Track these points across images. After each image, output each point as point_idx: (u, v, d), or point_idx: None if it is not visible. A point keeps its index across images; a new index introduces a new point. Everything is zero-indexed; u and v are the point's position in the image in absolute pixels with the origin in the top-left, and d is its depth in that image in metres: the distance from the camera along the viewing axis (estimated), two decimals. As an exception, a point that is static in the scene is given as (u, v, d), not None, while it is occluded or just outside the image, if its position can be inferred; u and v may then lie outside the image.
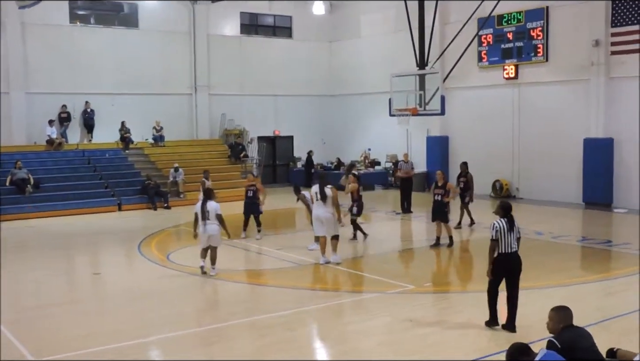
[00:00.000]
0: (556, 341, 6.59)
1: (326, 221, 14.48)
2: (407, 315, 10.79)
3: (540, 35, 24.57)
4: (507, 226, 9.58)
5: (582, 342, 6.64)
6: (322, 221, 14.52)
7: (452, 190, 16.63)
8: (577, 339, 6.63)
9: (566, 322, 6.81)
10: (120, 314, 11.47)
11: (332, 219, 14.53)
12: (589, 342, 6.71)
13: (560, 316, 6.86)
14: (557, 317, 6.86)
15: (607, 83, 22.85)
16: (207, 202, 13.71)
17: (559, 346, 6.51)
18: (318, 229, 14.70)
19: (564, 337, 6.63)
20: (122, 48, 28.93)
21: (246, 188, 18.20)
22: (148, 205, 24.90)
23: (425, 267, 15.44)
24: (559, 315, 6.87)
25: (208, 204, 13.65)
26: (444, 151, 28.39)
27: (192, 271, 14.38)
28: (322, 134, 34.31)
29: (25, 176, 23.96)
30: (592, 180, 23.19)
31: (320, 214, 14.53)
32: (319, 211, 14.55)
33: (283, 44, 33.67)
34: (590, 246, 17.04)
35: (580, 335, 6.73)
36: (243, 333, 10.30)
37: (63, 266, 16.02)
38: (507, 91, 26.05)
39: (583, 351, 6.56)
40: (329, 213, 14.49)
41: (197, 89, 30.88)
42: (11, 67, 26.38)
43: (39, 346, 9.58)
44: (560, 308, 6.95)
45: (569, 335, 6.67)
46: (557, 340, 6.60)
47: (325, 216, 14.49)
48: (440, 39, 26.09)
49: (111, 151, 27.95)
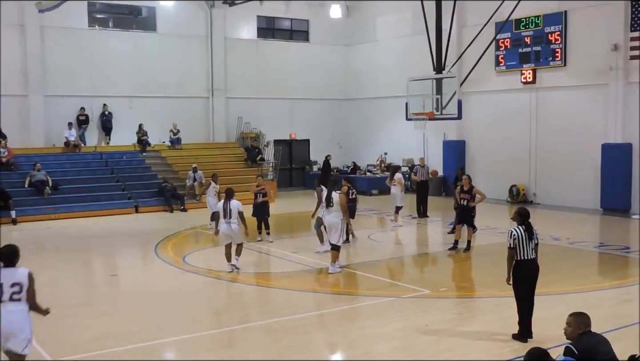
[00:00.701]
0: (573, 347, 6.55)
1: (333, 227, 14.17)
2: (423, 320, 10.77)
3: (559, 39, 24.44)
4: (526, 234, 9.50)
5: (600, 349, 6.59)
6: (330, 227, 14.33)
7: (479, 195, 16.47)
8: (594, 345, 6.59)
9: (584, 328, 6.77)
10: (137, 315, 11.53)
11: (339, 226, 14.13)
12: (606, 349, 6.66)
13: (578, 322, 6.82)
14: (575, 323, 6.82)
15: (625, 88, 22.69)
16: (229, 201, 14.14)
17: (576, 353, 6.47)
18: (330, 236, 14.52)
19: (582, 344, 6.59)
20: (140, 51, 29.12)
21: (255, 192, 18.22)
22: (165, 207, 25.02)
23: (442, 272, 15.39)
24: (576, 320, 6.83)
25: (230, 203, 14.10)
26: (460, 155, 28.29)
27: (208, 273, 14.45)
28: (338, 138, 34.32)
29: (43, 178, 24.16)
30: (610, 186, 23.01)
31: (328, 220, 14.39)
32: (327, 217, 14.45)
33: (300, 47, 33.73)
34: (607, 252, 16.91)
35: (598, 342, 6.68)
36: (258, 335, 10.31)
37: (80, 268, 16.12)
38: (524, 95, 25.93)
39: (601, 357, 6.52)
40: (338, 218, 14.17)
41: (214, 92, 30.99)
42: (30, 70, 26.61)
43: (57, 346, 9.66)
44: (578, 314, 6.90)
45: (586, 341, 6.63)
46: (574, 346, 6.55)
47: (332, 221, 14.22)
48: (457, 42, 26.03)
49: (128, 153, 28.12)
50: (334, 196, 14.23)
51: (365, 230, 19.98)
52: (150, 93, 29.19)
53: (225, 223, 14.09)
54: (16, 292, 7.30)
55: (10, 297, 7.28)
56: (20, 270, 7.43)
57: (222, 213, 14.12)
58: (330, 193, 14.32)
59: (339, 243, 14.23)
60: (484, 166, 26.63)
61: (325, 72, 33.89)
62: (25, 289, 7.35)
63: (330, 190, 14.42)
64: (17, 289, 7.30)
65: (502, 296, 11.40)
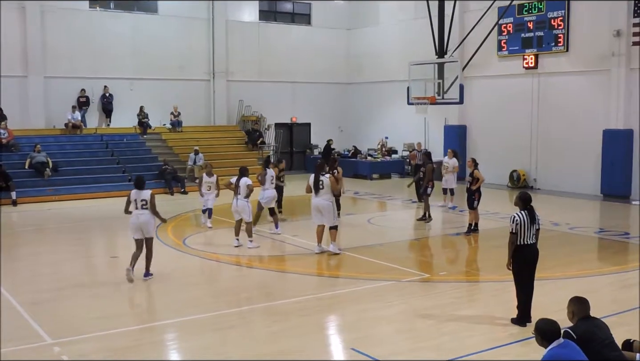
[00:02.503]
0: (572, 331, 6.57)
1: (325, 209, 14.29)
2: (423, 303, 10.81)
3: (561, 24, 24.34)
4: (528, 218, 9.49)
5: (598, 333, 6.62)
6: (320, 211, 14.37)
7: (479, 178, 16.48)
8: (593, 330, 6.61)
9: (583, 313, 6.79)
10: (137, 297, 11.58)
11: (331, 208, 14.34)
12: (605, 334, 6.68)
13: (578, 307, 6.84)
14: (574, 308, 6.84)
15: (627, 74, 22.64)
16: (241, 178, 14.97)
17: (574, 337, 6.49)
18: (317, 219, 14.59)
19: (580, 328, 6.61)
20: (141, 33, 29.01)
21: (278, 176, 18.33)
22: (165, 190, 25.01)
23: (441, 256, 15.43)
24: (576, 305, 6.86)
25: (241, 180, 14.92)
26: (461, 140, 28.25)
27: (207, 256, 14.47)
28: (339, 122, 34.29)
29: (44, 159, 24.15)
30: (611, 172, 23.01)
31: (318, 203, 14.35)
32: (317, 200, 14.36)
33: (301, 31, 33.60)
34: (607, 238, 16.94)
35: (597, 326, 6.71)
36: (258, 318, 10.35)
37: (80, 249, 16.13)
38: (526, 80, 25.86)
39: (599, 342, 6.54)
40: (329, 201, 14.29)
41: (215, 75, 30.91)
42: (30, 51, 26.52)
43: (57, 327, 9.69)
44: (577, 299, 6.92)
45: (585, 326, 6.65)
46: (572, 331, 6.58)
47: (323, 204, 14.29)
48: (459, 27, 25.92)
49: (129, 135, 28.10)
50: (324, 179, 14.24)
51: (365, 214, 19.99)
52: (151, 75, 29.11)
53: (235, 199, 14.97)
54: (143, 204, 12.13)
55: (141, 207, 12.13)
56: (145, 191, 12.28)
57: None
58: (318, 177, 14.29)
59: (336, 222, 14.52)
60: (485, 151, 26.57)
61: (327, 55, 33.79)
62: (149, 203, 12.13)
63: (317, 173, 14.37)
64: (144, 203, 12.14)
65: (501, 281, 11.43)
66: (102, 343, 9.06)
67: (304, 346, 9.01)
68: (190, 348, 9.04)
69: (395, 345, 9.00)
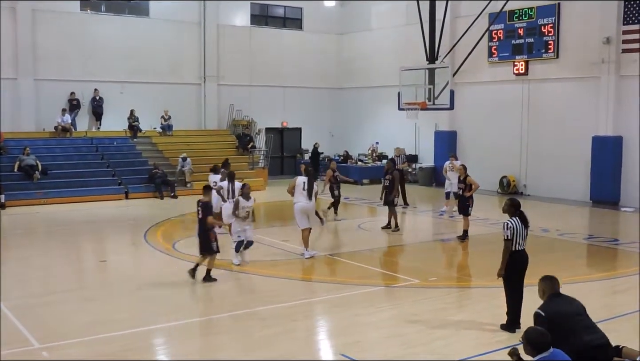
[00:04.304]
0: (542, 312, 6.60)
1: (311, 213, 14.94)
2: (413, 309, 10.81)
3: (552, 31, 24.45)
4: (521, 224, 9.52)
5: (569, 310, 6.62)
6: (308, 215, 14.71)
7: (473, 185, 16.49)
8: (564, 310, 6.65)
9: (553, 290, 6.78)
10: (126, 302, 11.51)
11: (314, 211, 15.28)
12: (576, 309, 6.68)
13: (547, 284, 6.85)
14: (544, 286, 6.86)
15: (617, 81, 22.75)
16: (233, 182, 15.55)
17: (544, 316, 6.51)
18: (304, 223, 14.69)
19: (551, 308, 6.62)
20: (132, 37, 28.93)
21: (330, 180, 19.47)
22: (155, 194, 24.95)
23: (431, 261, 15.43)
24: (546, 283, 6.88)
25: (234, 184, 15.45)
26: (452, 146, 28.26)
27: (197, 261, 14.42)
28: (330, 127, 34.30)
29: (33, 162, 24.04)
30: (600, 178, 23.10)
31: (308, 207, 14.70)
32: (307, 204, 14.67)
33: (293, 35, 33.60)
34: (596, 244, 16.99)
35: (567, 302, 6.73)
36: (247, 323, 10.30)
37: (69, 253, 16.06)
38: (516, 87, 25.95)
39: (568, 318, 6.56)
40: (313, 204, 14.88)
41: (206, 79, 30.87)
42: (20, 53, 26.40)
43: (45, 332, 9.62)
44: (547, 277, 7.02)
45: (555, 305, 6.66)
46: (543, 311, 6.60)
47: (311, 208, 14.82)
48: (450, 33, 26.02)
49: (119, 139, 27.99)
50: (315, 187, 14.93)
51: (355, 219, 19.99)
52: (142, 79, 29.05)
53: (230, 202, 15.20)
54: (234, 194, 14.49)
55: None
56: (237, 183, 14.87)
57: (226, 194, 15.59)
58: (312, 184, 14.70)
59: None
60: (475, 157, 26.63)
61: (318, 60, 33.82)
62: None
63: (311, 181, 14.77)
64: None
65: (491, 287, 11.45)
66: (91, 348, 9.01)
67: (293, 352, 8.99)
68: (180, 354, 9.01)
69: (385, 351, 8.99)
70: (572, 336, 6.57)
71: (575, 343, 6.55)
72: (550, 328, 6.41)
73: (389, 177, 18.26)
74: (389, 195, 18.15)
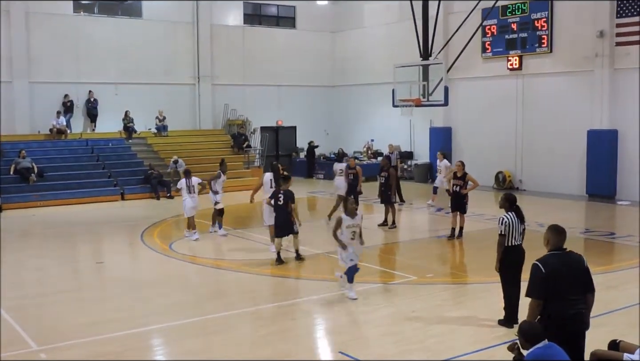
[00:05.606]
0: (540, 264, 6.56)
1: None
2: (410, 306, 10.81)
3: (545, 26, 24.46)
4: (517, 219, 9.53)
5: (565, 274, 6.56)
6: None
7: (472, 182, 16.41)
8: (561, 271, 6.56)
9: (558, 244, 6.70)
10: (123, 302, 11.50)
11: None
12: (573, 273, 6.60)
13: (554, 236, 6.70)
14: (550, 237, 6.72)
15: (611, 74, 22.78)
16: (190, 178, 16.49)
17: (543, 271, 6.47)
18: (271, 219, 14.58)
19: (549, 265, 6.55)
20: (125, 38, 28.87)
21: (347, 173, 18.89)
22: (151, 195, 24.93)
23: (428, 258, 15.42)
24: (553, 235, 6.73)
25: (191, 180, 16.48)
26: (447, 142, 28.30)
27: (194, 261, 14.42)
28: (325, 125, 34.28)
29: (29, 165, 23.99)
30: (596, 172, 23.13)
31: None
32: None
33: (286, 34, 33.59)
34: (593, 238, 17.03)
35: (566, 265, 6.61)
36: (244, 322, 10.32)
37: (66, 255, 16.02)
38: (510, 82, 25.97)
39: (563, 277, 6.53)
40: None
41: (200, 79, 30.84)
42: (15, 56, 26.33)
43: (42, 334, 9.62)
44: (555, 228, 6.81)
45: (555, 261, 6.60)
46: (542, 265, 6.55)
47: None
48: (444, 29, 26.00)
49: (114, 140, 27.96)
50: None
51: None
52: (136, 80, 29.01)
53: (190, 197, 16.32)
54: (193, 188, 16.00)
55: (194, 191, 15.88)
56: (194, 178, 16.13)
57: (186, 190, 16.30)
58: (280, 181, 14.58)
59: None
60: (470, 153, 26.66)
61: (312, 58, 33.81)
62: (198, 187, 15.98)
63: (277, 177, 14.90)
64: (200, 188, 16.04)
65: (488, 282, 11.47)
66: (88, 349, 9.00)
67: (291, 350, 9.00)
68: (176, 354, 9.01)
69: (382, 348, 9.00)
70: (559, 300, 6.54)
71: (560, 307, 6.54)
72: (545, 285, 6.43)
73: (384, 175, 18.27)
74: (386, 192, 18.15)
